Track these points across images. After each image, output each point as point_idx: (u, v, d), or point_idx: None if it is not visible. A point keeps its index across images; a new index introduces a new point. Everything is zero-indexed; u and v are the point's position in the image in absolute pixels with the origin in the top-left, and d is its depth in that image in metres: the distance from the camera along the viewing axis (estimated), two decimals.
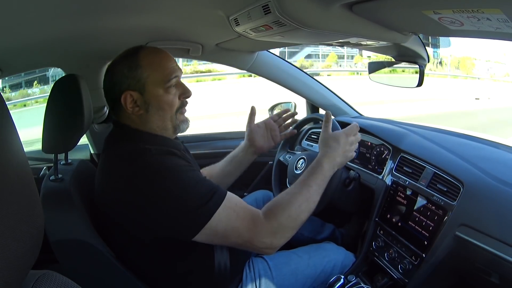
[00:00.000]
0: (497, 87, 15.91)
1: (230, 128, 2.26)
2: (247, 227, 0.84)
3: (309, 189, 0.94)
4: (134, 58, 0.91)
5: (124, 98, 0.89)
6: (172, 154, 0.87)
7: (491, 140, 1.27)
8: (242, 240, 0.85)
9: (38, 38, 1.02)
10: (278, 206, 0.90)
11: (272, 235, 0.87)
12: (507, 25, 0.61)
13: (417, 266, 1.04)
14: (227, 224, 0.82)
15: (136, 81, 0.89)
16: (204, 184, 0.85)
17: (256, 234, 0.85)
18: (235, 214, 0.84)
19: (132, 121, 0.93)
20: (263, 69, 1.68)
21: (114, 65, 0.93)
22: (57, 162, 0.98)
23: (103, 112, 1.47)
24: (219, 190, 0.85)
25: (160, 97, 0.91)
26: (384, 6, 0.71)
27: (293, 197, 0.92)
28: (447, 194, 1.01)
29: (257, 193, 1.50)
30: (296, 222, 0.91)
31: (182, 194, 0.80)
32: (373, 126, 1.41)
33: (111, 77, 0.92)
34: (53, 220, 0.85)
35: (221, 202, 0.83)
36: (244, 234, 0.84)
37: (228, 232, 0.83)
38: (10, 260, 0.36)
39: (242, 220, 0.84)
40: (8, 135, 0.38)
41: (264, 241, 0.86)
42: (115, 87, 0.91)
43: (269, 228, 0.86)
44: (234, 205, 0.85)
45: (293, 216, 0.89)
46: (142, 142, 0.88)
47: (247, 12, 0.83)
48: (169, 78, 0.92)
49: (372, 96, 8.97)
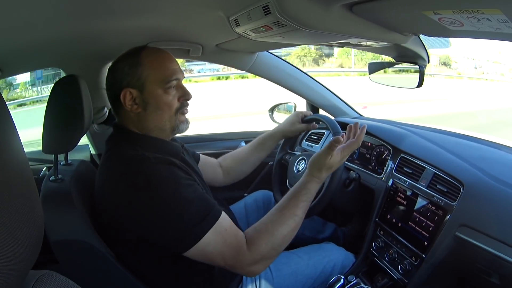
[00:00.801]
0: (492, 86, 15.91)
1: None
2: (232, 255, 0.85)
3: (294, 213, 0.93)
4: (136, 56, 0.91)
5: (123, 95, 0.90)
6: (172, 164, 0.87)
7: (491, 141, 1.27)
8: (226, 264, 0.86)
9: (38, 38, 1.02)
10: (261, 236, 0.89)
11: (254, 264, 0.88)
12: (507, 26, 0.61)
13: (417, 266, 1.04)
14: (215, 248, 0.83)
15: (136, 79, 0.90)
16: (201, 202, 0.85)
17: (239, 262, 0.86)
18: (222, 240, 0.84)
19: (130, 119, 0.93)
20: (263, 69, 1.68)
21: (117, 63, 0.94)
22: (57, 162, 0.98)
23: (103, 112, 1.47)
24: (213, 211, 0.85)
25: (159, 97, 0.92)
26: (384, 6, 0.71)
27: (276, 227, 0.91)
28: (447, 194, 1.01)
29: (257, 193, 1.51)
30: (278, 250, 0.92)
31: (176, 208, 0.81)
32: (373, 127, 1.41)
33: (113, 74, 0.93)
34: (53, 221, 0.85)
35: (213, 224, 0.83)
36: (228, 261, 0.85)
37: (214, 256, 0.84)
38: (10, 260, 0.36)
39: (228, 247, 0.85)
40: (8, 136, 0.38)
41: (246, 269, 0.89)
42: (115, 85, 0.92)
43: (251, 259, 0.87)
44: (224, 231, 0.85)
45: (276, 246, 0.90)
46: (141, 147, 0.88)
47: (247, 13, 0.83)
48: (169, 79, 0.92)
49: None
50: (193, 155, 1.23)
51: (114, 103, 0.95)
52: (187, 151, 1.15)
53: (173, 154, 0.94)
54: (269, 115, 1.78)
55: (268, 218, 0.93)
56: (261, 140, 1.37)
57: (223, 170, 1.34)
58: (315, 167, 0.98)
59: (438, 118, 8.38)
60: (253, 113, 7.14)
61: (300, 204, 0.94)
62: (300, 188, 0.97)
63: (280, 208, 0.94)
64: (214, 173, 1.30)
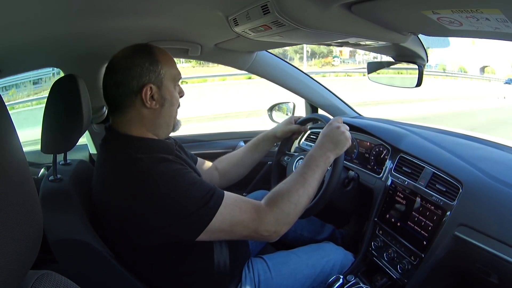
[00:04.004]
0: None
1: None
2: (252, 218, 0.87)
3: (304, 176, 0.98)
4: (151, 53, 0.91)
5: (145, 92, 0.89)
6: (166, 160, 0.87)
7: (490, 140, 1.28)
8: (248, 232, 0.88)
9: (37, 38, 1.02)
10: (277, 194, 0.94)
11: (276, 221, 0.90)
12: (506, 25, 0.61)
13: (416, 266, 1.04)
14: (232, 220, 0.85)
15: (157, 75, 0.91)
16: (202, 185, 0.86)
17: (261, 223, 0.89)
18: (237, 209, 0.86)
19: (139, 117, 0.91)
20: (262, 69, 1.68)
21: (128, 59, 0.90)
22: (56, 162, 0.98)
23: (102, 112, 1.47)
24: (217, 190, 0.87)
25: (172, 93, 0.94)
26: (383, 6, 0.71)
27: (291, 186, 0.96)
28: (446, 194, 1.01)
29: (256, 193, 1.50)
30: (297, 208, 0.94)
31: (180, 199, 0.81)
32: (372, 126, 1.41)
33: (127, 71, 0.89)
34: (52, 220, 0.85)
35: (221, 201, 0.85)
36: (250, 226, 0.87)
37: (234, 227, 0.86)
38: (9, 260, 0.36)
39: (245, 213, 0.87)
40: (7, 136, 0.38)
41: (268, 229, 0.90)
42: (133, 81, 0.88)
43: (272, 215, 0.90)
44: (234, 201, 0.87)
45: (293, 201, 0.93)
46: (133, 150, 0.87)
47: (246, 12, 0.83)
48: (179, 77, 0.96)
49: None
50: (191, 156, 1.23)
51: (124, 101, 0.91)
52: (184, 150, 1.15)
53: (167, 152, 0.93)
54: (268, 114, 1.78)
55: (279, 184, 0.99)
56: (255, 142, 1.38)
57: (219, 173, 1.34)
58: (325, 137, 1.07)
59: (437, 118, 8.39)
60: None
61: (306, 167, 1.01)
62: (305, 159, 1.05)
63: (290, 176, 1.01)
64: (210, 176, 1.30)
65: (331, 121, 1.12)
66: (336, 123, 1.10)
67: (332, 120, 1.13)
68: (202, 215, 0.82)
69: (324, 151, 1.04)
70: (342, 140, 1.06)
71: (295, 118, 1.39)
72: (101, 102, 1.42)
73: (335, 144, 1.05)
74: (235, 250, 1.02)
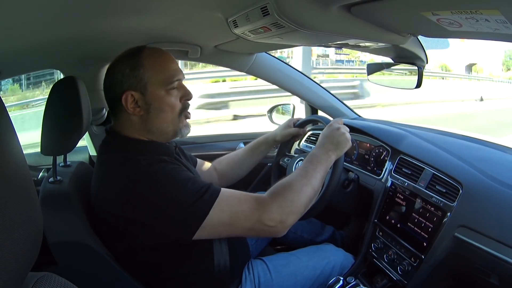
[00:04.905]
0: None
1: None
2: (253, 207, 0.85)
3: (307, 170, 0.97)
4: (136, 57, 0.90)
5: (125, 98, 0.88)
6: (162, 162, 0.87)
7: (490, 141, 1.28)
8: (251, 223, 0.85)
9: (37, 40, 1.02)
10: (279, 185, 0.92)
11: (279, 209, 0.87)
12: (505, 26, 0.61)
13: (416, 267, 1.04)
14: (232, 211, 0.83)
15: (138, 81, 0.88)
16: (197, 181, 0.85)
17: (264, 212, 0.85)
18: (236, 200, 0.85)
19: (130, 122, 0.92)
20: (261, 71, 1.68)
21: (115, 64, 0.91)
22: (56, 164, 0.98)
23: (102, 114, 1.47)
24: (214, 185, 0.86)
25: (161, 99, 0.91)
26: (383, 7, 0.72)
27: (292, 177, 0.95)
28: (446, 195, 1.01)
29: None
30: (300, 196, 0.91)
31: (176, 194, 0.80)
32: (372, 128, 1.41)
33: (112, 76, 0.91)
34: (52, 222, 0.85)
35: (217, 194, 0.83)
36: (252, 216, 0.84)
37: (234, 219, 0.83)
38: (9, 262, 0.36)
39: (245, 202, 0.85)
40: (7, 138, 0.38)
41: (273, 217, 0.86)
42: (115, 87, 0.89)
43: (275, 204, 0.87)
44: (232, 193, 0.86)
45: (296, 189, 0.90)
46: (131, 151, 0.88)
47: (245, 14, 0.83)
48: (171, 80, 0.91)
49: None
50: (191, 158, 1.23)
51: (114, 106, 0.93)
52: (183, 153, 1.15)
53: (165, 154, 0.92)
54: (268, 116, 1.78)
55: (283, 179, 0.96)
56: (255, 144, 1.38)
57: (218, 174, 1.34)
58: (326, 138, 1.07)
59: (437, 120, 8.31)
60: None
61: (308, 164, 0.99)
62: (306, 158, 1.03)
63: (297, 169, 1.00)
64: (209, 177, 1.30)
65: (332, 122, 1.12)
66: (336, 124, 1.10)
67: (332, 121, 1.13)
68: (199, 208, 0.80)
69: (325, 151, 1.03)
70: (343, 141, 1.06)
71: (294, 120, 1.39)
72: (101, 104, 1.41)
73: (336, 145, 1.05)
74: (235, 251, 1.01)
